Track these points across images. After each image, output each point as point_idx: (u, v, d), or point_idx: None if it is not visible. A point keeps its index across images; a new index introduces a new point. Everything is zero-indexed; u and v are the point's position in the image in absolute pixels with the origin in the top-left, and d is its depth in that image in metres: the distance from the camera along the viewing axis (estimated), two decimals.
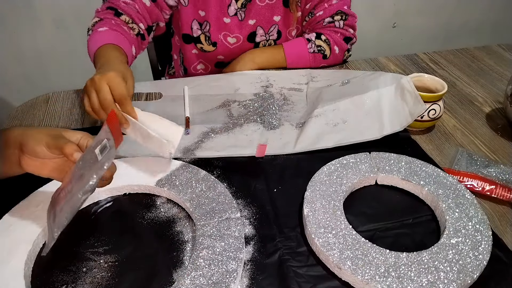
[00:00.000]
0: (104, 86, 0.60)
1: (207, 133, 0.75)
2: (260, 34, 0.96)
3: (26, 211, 0.58)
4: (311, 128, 0.75)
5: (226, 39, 0.95)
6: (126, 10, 0.84)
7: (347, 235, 0.53)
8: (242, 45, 0.97)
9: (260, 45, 0.98)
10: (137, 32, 0.86)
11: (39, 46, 1.63)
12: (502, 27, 2.14)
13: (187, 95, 0.85)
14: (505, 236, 0.57)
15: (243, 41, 0.96)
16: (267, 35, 0.97)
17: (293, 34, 1.00)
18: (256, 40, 0.97)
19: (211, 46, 0.95)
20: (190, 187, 0.61)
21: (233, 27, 0.94)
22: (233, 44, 0.96)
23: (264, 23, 0.95)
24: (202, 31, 0.93)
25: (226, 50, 0.97)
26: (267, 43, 0.98)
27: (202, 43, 0.95)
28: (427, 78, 0.77)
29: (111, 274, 0.51)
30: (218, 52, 0.97)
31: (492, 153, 0.72)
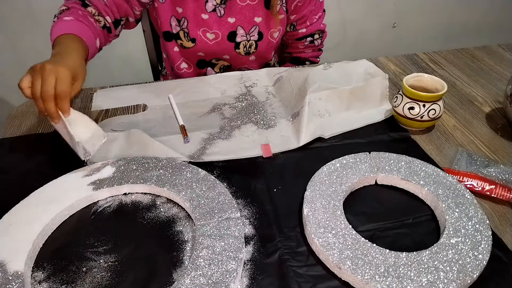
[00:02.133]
0: (51, 79, 0.59)
1: (208, 139, 0.75)
2: (240, 34, 0.96)
3: (26, 211, 0.58)
4: (307, 120, 0.75)
5: (205, 35, 0.94)
6: (93, 2, 0.83)
7: (347, 235, 0.53)
8: (221, 43, 0.96)
9: (240, 45, 0.97)
10: (103, 25, 0.85)
11: (39, 46, 1.63)
12: (502, 27, 2.14)
13: (174, 103, 0.85)
14: (504, 236, 0.57)
15: (222, 39, 0.95)
16: (248, 35, 0.96)
17: (275, 36, 0.99)
18: (237, 40, 0.96)
19: (190, 42, 0.95)
20: (190, 187, 0.61)
21: (212, 23, 0.93)
22: (212, 41, 0.95)
23: (245, 23, 0.95)
24: (181, 28, 0.93)
25: (206, 47, 0.96)
26: (248, 43, 0.98)
27: (182, 39, 0.94)
28: (427, 78, 0.77)
29: (111, 274, 0.51)
30: (198, 48, 0.96)
31: (492, 153, 0.72)
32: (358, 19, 1.93)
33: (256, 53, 1.00)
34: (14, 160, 0.71)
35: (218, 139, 0.75)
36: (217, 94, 0.89)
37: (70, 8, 0.80)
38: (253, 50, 0.99)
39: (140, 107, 0.86)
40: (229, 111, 0.83)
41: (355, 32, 1.94)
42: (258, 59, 1.04)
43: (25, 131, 0.80)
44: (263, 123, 0.79)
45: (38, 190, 0.61)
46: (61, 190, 0.61)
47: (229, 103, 0.85)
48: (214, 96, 0.88)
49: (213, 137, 0.75)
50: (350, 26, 1.91)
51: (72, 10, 0.80)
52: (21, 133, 0.79)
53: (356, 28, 1.93)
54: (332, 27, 1.86)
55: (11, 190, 0.64)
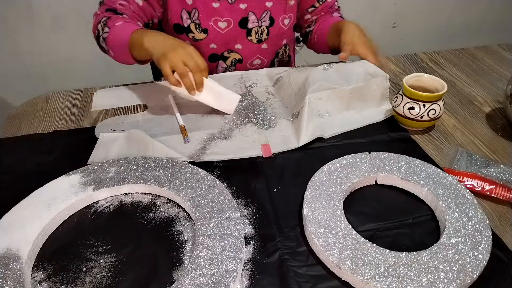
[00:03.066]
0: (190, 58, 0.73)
1: (208, 139, 0.75)
2: (252, 20, 0.95)
3: (26, 211, 0.58)
4: (307, 120, 0.75)
5: (217, 24, 0.93)
6: (124, 11, 0.86)
7: (347, 235, 0.53)
8: (233, 31, 0.95)
9: (252, 31, 0.97)
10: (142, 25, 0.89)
11: (39, 46, 1.63)
12: (502, 27, 2.14)
13: (174, 103, 0.85)
14: (504, 236, 0.57)
15: (234, 26, 0.95)
16: (259, 21, 0.96)
17: (286, 22, 0.99)
18: (248, 26, 0.96)
19: (202, 34, 0.94)
20: (190, 187, 0.61)
21: (223, 10, 0.92)
22: (225, 29, 0.94)
23: (256, 9, 0.94)
24: (192, 20, 0.92)
25: (218, 37, 0.95)
26: (259, 29, 0.97)
27: (193, 32, 0.94)
28: (427, 78, 0.77)
29: (111, 274, 0.51)
30: (210, 39, 0.95)
31: (492, 153, 0.72)
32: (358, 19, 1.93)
33: (268, 40, 0.99)
34: (14, 160, 0.71)
35: (218, 139, 0.75)
36: None
37: (110, 17, 0.84)
38: (265, 37, 0.98)
39: (140, 107, 0.86)
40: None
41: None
42: (270, 47, 1.02)
43: (25, 131, 0.80)
44: (263, 123, 0.79)
45: (38, 190, 0.61)
46: (61, 190, 0.61)
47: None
48: None
49: (213, 137, 0.75)
50: None
51: (113, 18, 0.84)
52: (21, 133, 0.79)
53: None
54: None
55: (11, 190, 0.64)
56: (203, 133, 0.77)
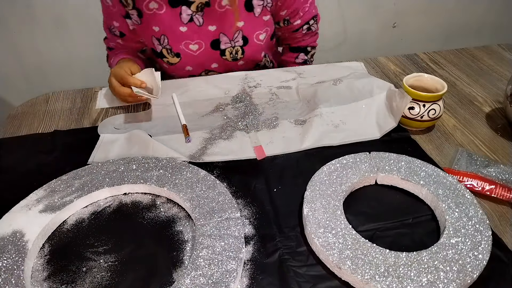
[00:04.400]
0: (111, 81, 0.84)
1: (209, 139, 0.75)
2: (224, 41, 0.92)
3: (26, 211, 0.58)
4: (315, 127, 0.76)
5: (188, 47, 0.91)
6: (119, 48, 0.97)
7: (347, 235, 0.53)
8: (206, 52, 0.93)
9: (226, 52, 0.94)
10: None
11: (39, 46, 1.63)
12: (502, 27, 2.14)
13: (177, 103, 0.85)
14: (504, 236, 0.57)
15: (205, 48, 0.92)
16: (232, 42, 0.93)
17: (261, 38, 0.95)
18: (221, 47, 0.93)
19: (175, 58, 0.93)
20: (190, 187, 0.61)
21: (192, 34, 0.90)
22: (197, 51, 0.92)
23: (227, 30, 0.91)
24: (163, 46, 0.91)
25: (191, 59, 0.93)
26: (233, 50, 0.94)
27: (166, 57, 0.93)
28: (427, 78, 0.77)
29: (111, 274, 0.51)
30: (184, 62, 0.94)
31: (492, 153, 0.72)
32: (358, 19, 1.93)
33: (244, 58, 0.97)
34: (14, 160, 0.71)
35: (220, 139, 0.75)
36: (220, 94, 0.88)
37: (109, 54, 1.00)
38: (240, 56, 0.96)
39: (143, 106, 0.86)
40: (231, 111, 0.83)
41: (355, 32, 1.94)
42: (248, 63, 1.00)
43: (25, 131, 0.80)
44: (265, 124, 0.79)
45: (38, 190, 0.61)
46: (61, 190, 0.61)
47: (232, 103, 0.85)
48: (217, 96, 0.88)
49: (214, 137, 0.75)
50: (350, 26, 1.91)
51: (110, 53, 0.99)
52: (21, 133, 0.79)
53: (356, 28, 1.93)
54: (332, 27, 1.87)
55: (11, 190, 0.64)
56: (204, 132, 0.77)
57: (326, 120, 0.78)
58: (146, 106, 0.86)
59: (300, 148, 0.72)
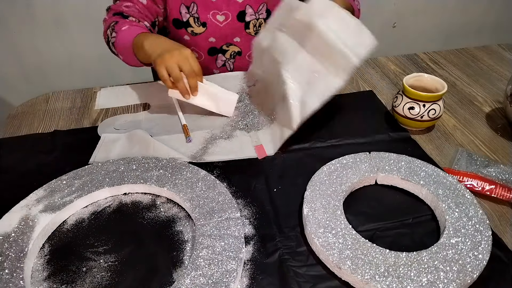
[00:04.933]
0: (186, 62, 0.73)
1: (210, 138, 0.75)
2: (249, 13, 0.95)
3: (26, 211, 0.58)
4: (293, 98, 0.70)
5: (215, 17, 0.94)
6: (130, 13, 0.87)
7: (347, 235, 0.53)
8: (231, 24, 0.96)
9: (250, 24, 0.97)
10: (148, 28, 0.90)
11: (39, 46, 1.63)
12: (502, 27, 2.14)
13: (176, 103, 0.85)
14: (504, 236, 0.57)
15: (232, 19, 0.95)
16: (256, 14, 0.96)
17: None
18: (246, 19, 0.96)
19: (201, 27, 0.94)
20: (190, 187, 0.61)
21: (221, 4, 0.93)
22: (223, 22, 0.95)
23: (253, 2, 0.94)
24: (190, 14, 0.93)
25: (216, 30, 0.96)
26: (257, 22, 0.98)
27: (192, 26, 0.94)
28: (427, 78, 0.77)
29: (111, 274, 0.51)
30: (209, 33, 0.96)
31: (492, 153, 0.72)
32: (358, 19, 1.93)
33: None
34: (14, 160, 0.71)
35: (220, 139, 0.75)
36: None
37: (118, 22, 0.85)
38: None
39: (143, 106, 0.86)
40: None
41: None
42: None
43: (25, 131, 0.80)
44: (265, 123, 0.78)
45: (38, 190, 0.61)
46: (61, 190, 0.61)
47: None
48: None
49: (214, 137, 0.75)
50: None
51: (120, 22, 0.85)
52: (21, 133, 0.79)
53: None
54: None
55: (11, 190, 0.64)
56: (205, 132, 0.77)
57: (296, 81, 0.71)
58: (146, 106, 0.86)
59: (294, 129, 0.69)
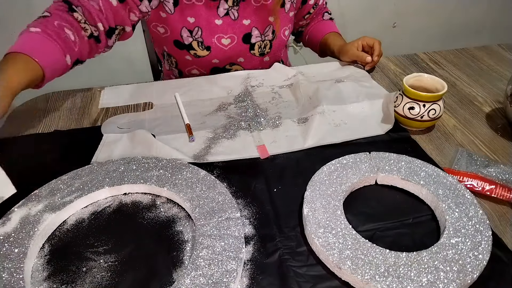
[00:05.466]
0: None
1: (213, 138, 0.75)
2: (255, 35, 0.95)
3: (26, 211, 0.58)
4: (317, 125, 0.76)
5: (220, 41, 0.92)
6: (86, 6, 0.77)
7: (347, 235, 0.53)
8: (236, 46, 0.95)
9: (255, 46, 0.96)
10: (89, 34, 0.79)
11: None
12: (502, 27, 2.14)
13: (180, 102, 0.85)
14: (505, 236, 0.57)
15: (237, 42, 0.94)
16: (262, 36, 0.96)
17: (286, 33, 1.00)
18: (252, 41, 0.96)
19: (205, 51, 0.93)
20: (190, 187, 0.61)
21: (226, 27, 0.92)
22: (228, 46, 0.94)
23: (259, 24, 0.94)
24: (194, 38, 0.90)
25: (221, 53, 0.94)
26: (262, 44, 0.97)
27: (195, 49, 0.92)
28: (427, 78, 0.77)
29: (111, 274, 0.51)
30: (212, 56, 0.94)
31: (492, 153, 0.72)
32: (358, 19, 1.93)
33: (270, 53, 1.00)
34: (14, 160, 0.71)
35: (223, 138, 0.75)
36: (223, 94, 0.89)
37: (52, 15, 0.75)
38: (267, 50, 0.99)
39: (146, 105, 0.86)
40: (234, 111, 0.83)
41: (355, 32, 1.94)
42: (271, 60, 1.03)
43: (25, 131, 0.80)
44: (267, 123, 0.79)
45: (38, 190, 0.61)
46: (61, 190, 0.61)
47: (235, 103, 0.85)
48: (220, 95, 0.88)
49: (217, 137, 0.75)
50: (350, 26, 1.91)
51: (50, 18, 0.75)
52: (21, 133, 0.79)
53: (356, 28, 1.93)
54: None
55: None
56: (208, 132, 0.77)
57: (328, 119, 0.78)
58: (149, 105, 0.86)
59: (303, 147, 0.72)
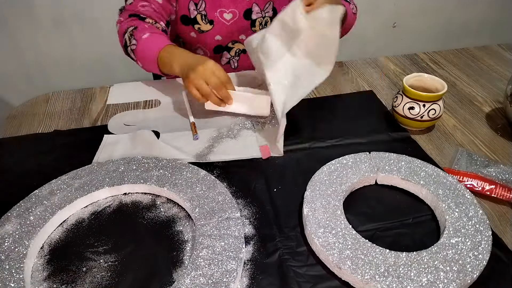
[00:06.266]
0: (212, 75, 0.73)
1: (216, 137, 0.75)
2: (256, 11, 0.96)
3: (26, 211, 0.58)
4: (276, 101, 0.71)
5: (222, 15, 0.94)
6: (147, 14, 0.87)
7: (347, 235, 0.53)
8: (238, 21, 0.96)
9: (256, 22, 0.98)
10: (162, 30, 0.89)
11: (39, 46, 1.63)
12: (502, 27, 2.14)
13: (186, 100, 0.85)
14: (504, 236, 0.57)
15: (239, 17, 0.96)
16: (262, 12, 0.97)
17: None
18: (252, 17, 0.97)
19: (208, 25, 0.95)
20: (190, 187, 0.61)
21: (228, 2, 0.93)
22: (230, 21, 0.95)
23: (260, 0, 0.95)
24: (198, 11, 0.93)
25: (223, 28, 0.96)
26: (263, 20, 0.98)
27: (199, 23, 0.95)
28: (427, 78, 0.77)
29: (111, 274, 0.51)
30: (215, 30, 0.96)
31: (492, 153, 0.72)
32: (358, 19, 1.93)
33: None
34: (14, 160, 0.71)
35: (227, 137, 0.75)
36: None
37: (137, 27, 0.84)
38: None
39: (154, 103, 0.87)
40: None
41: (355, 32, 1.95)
42: None
43: (25, 131, 0.80)
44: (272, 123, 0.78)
45: (38, 190, 0.61)
46: (61, 190, 0.61)
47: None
48: None
49: (221, 136, 0.75)
50: None
51: (140, 27, 0.84)
52: (21, 133, 0.79)
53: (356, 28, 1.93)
54: None
55: (11, 190, 0.64)
56: (212, 131, 0.77)
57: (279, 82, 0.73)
58: (156, 103, 0.86)
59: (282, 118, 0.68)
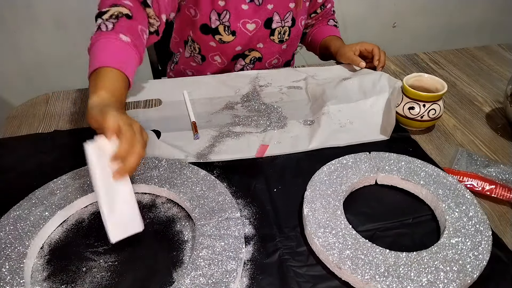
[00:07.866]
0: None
1: (217, 136, 0.75)
2: (276, 20, 0.96)
3: (26, 211, 0.58)
4: (322, 128, 0.75)
5: (245, 26, 0.94)
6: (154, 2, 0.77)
7: (347, 235, 0.53)
8: (258, 31, 0.96)
9: (275, 31, 0.98)
10: (154, 30, 0.80)
11: (39, 46, 1.63)
12: (502, 27, 2.14)
13: (188, 100, 0.85)
14: (505, 236, 0.57)
15: (260, 27, 0.95)
16: (282, 22, 0.97)
17: (303, 23, 1.02)
18: (272, 26, 0.97)
19: (230, 36, 0.94)
20: (190, 187, 0.61)
21: (251, 13, 0.93)
22: (252, 31, 0.95)
23: (281, 9, 0.95)
24: (221, 22, 0.92)
25: (245, 38, 0.96)
26: (282, 30, 0.98)
27: (221, 34, 0.93)
28: (427, 78, 0.77)
29: (111, 274, 0.51)
30: (237, 41, 0.95)
31: (492, 153, 0.72)
32: (358, 19, 1.93)
33: (288, 41, 1.01)
34: (14, 160, 0.71)
35: (228, 137, 0.75)
36: (230, 93, 0.89)
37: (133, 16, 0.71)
38: (286, 37, 1.00)
39: (154, 102, 0.87)
40: (241, 110, 0.83)
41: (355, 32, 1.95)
42: (289, 48, 1.05)
43: (25, 131, 0.80)
44: (273, 124, 0.78)
45: (38, 190, 0.61)
46: (61, 190, 0.61)
47: (242, 102, 0.85)
48: (227, 94, 0.88)
49: (222, 135, 0.75)
50: (350, 26, 1.91)
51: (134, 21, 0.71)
52: (21, 133, 0.79)
53: (356, 28, 1.93)
54: None
55: (11, 190, 0.64)
56: (213, 130, 0.77)
57: (334, 119, 0.78)
58: (156, 102, 0.86)
59: (307, 149, 0.72)
